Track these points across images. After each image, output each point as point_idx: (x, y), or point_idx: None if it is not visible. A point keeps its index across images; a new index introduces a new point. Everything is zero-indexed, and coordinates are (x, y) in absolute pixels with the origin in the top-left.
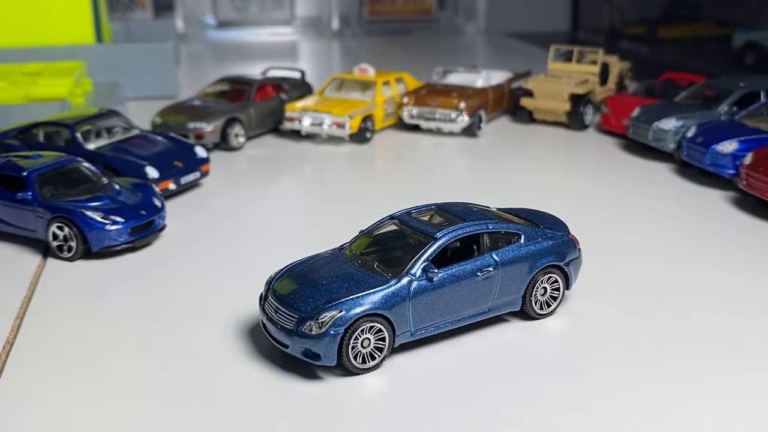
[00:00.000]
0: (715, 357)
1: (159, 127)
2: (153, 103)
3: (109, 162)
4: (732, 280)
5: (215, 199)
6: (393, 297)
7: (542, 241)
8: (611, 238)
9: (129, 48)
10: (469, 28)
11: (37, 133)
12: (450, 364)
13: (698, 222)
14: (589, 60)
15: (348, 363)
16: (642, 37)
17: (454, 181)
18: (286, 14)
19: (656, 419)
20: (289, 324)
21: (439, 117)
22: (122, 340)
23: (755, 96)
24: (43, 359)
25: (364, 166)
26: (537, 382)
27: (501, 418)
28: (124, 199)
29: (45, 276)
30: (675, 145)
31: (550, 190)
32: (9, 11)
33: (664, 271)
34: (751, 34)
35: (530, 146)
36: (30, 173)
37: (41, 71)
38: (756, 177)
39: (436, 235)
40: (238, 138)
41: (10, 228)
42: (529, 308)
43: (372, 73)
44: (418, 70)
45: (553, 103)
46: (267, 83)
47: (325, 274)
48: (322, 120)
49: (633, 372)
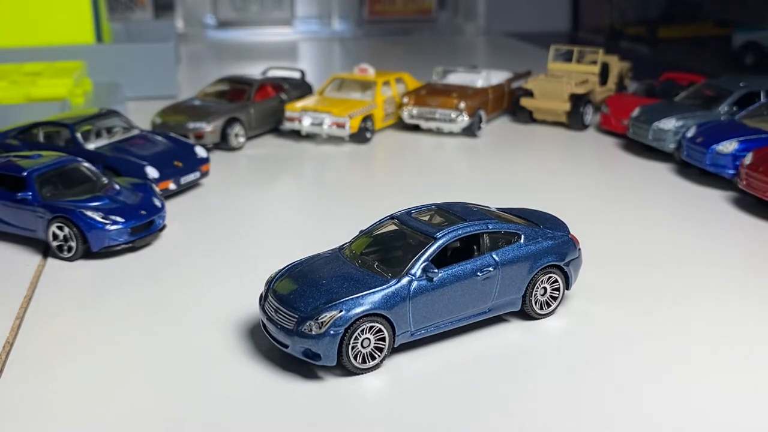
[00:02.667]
0: (716, 357)
1: (159, 127)
2: (153, 103)
3: (109, 162)
4: (732, 280)
5: (215, 199)
6: (393, 297)
7: (542, 241)
8: (611, 238)
9: (129, 48)
10: (469, 28)
11: (37, 133)
12: (450, 364)
13: (698, 222)
14: (589, 60)
15: (348, 363)
16: (642, 37)
17: (454, 181)
18: (286, 14)
19: (656, 419)
20: (289, 324)
21: (439, 117)
22: (122, 340)
23: (755, 96)
24: (43, 359)
25: (364, 166)
26: (537, 382)
27: (501, 418)
28: (124, 199)
29: (45, 276)
30: (675, 145)
31: (550, 190)
32: (9, 11)
33: (664, 271)
34: (751, 34)
35: (530, 146)
36: (30, 173)
37: (41, 71)
38: (756, 177)
39: (436, 235)
40: (238, 138)
41: (10, 228)
42: (529, 308)
43: (372, 73)
44: (418, 70)
45: (553, 103)
46: (267, 83)
47: (325, 274)
48: (322, 120)
49: (633, 372)
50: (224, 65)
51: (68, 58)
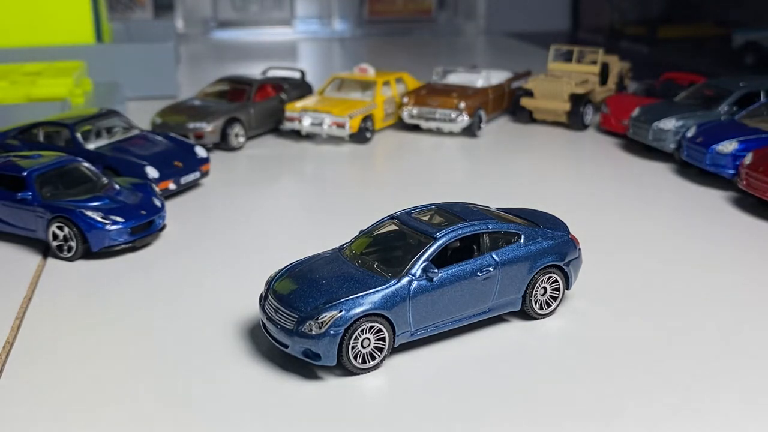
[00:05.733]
0: (716, 356)
1: (159, 127)
2: (153, 103)
3: (109, 162)
4: (732, 280)
5: (215, 199)
6: (393, 297)
7: (542, 241)
8: (611, 238)
9: (129, 48)
10: (469, 28)
11: (37, 133)
12: (450, 364)
13: (698, 222)
14: (589, 60)
15: (348, 363)
16: (642, 37)
17: (454, 181)
18: (286, 14)
19: (656, 419)
20: (289, 324)
21: (439, 117)
22: (122, 340)
23: (755, 96)
24: (43, 359)
25: (364, 166)
26: (537, 382)
27: (501, 418)
28: (124, 199)
29: (45, 276)
30: (675, 145)
31: (550, 190)
32: (9, 11)
33: (664, 271)
34: (751, 34)
35: (530, 146)
36: (30, 173)
37: (41, 71)
38: (756, 177)
39: (436, 235)
40: (238, 138)
41: (10, 228)
42: (529, 308)
43: (372, 73)
44: (418, 70)
45: (553, 103)
46: (267, 83)
47: (325, 274)
48: (322, 120)
49: (633, 372)
50: (224, 65)
51: (68, 58)
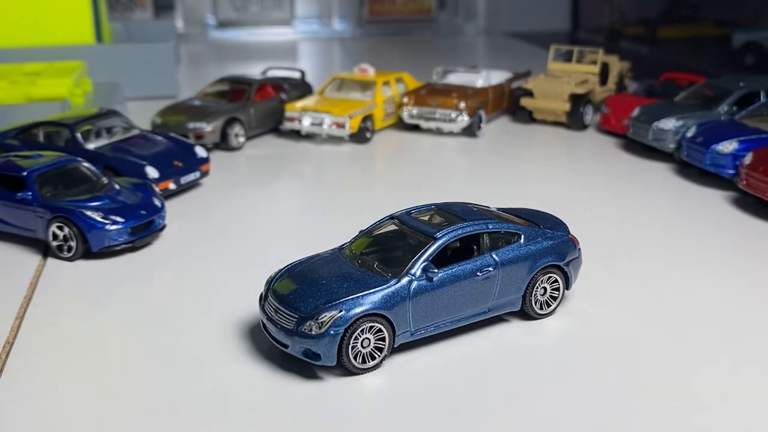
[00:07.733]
0: (716, 356)
1: (159, 127)
2: (153, 103)
3: (109, 162)
4: (732, 280)
5: (215, 199)
6: (393, 297)
7: (542, 241)
8: (611, 237)
9: (129, 48)
10: (469, 28)
11: (37, 133)
12: (450, 364)
13: (698, 222)
14: (589, 60)
15: (348, 363)
16: (642, 37)
17: (454, 181)
18: (286, 14)
19: (656, 419)
20: (289, 324)
21: (439, 117)
22: (122, 340)
23: (755, 96)
24: (43, 359)
25: (364, 166)
26: (537, 383)
27: (501, 418)
28: (124, 199)
29: (45, 276)
30: (675, 145)
31: (550, 190)
32: (9, 11)
33: (664, 271)
34: (751, 34)
35: (530, 146)
36: (30, 173)
37: (41, 71)
38: (756, 177)
39: (436, 235)
40: (238, 138)
41: (10, 228)
42: (529, 308)
43: (372, 73)
44: (418, 70)
45: (553, 103)
46: (267, 83)
47: (325, 274)
48: (322, 120)
49: (633, 372)
50: (224, 65)
51: (68, 58)
